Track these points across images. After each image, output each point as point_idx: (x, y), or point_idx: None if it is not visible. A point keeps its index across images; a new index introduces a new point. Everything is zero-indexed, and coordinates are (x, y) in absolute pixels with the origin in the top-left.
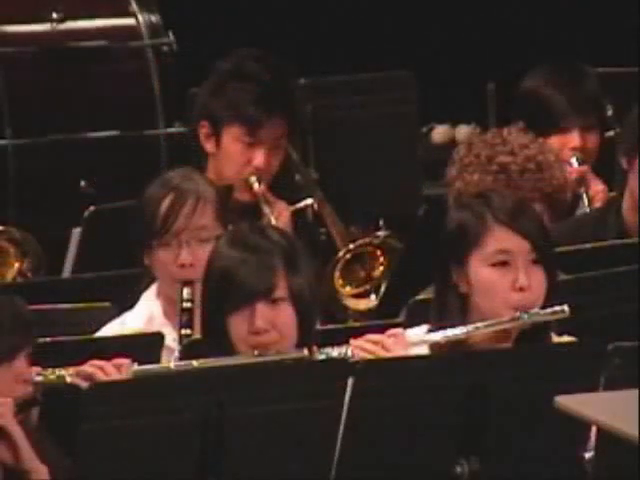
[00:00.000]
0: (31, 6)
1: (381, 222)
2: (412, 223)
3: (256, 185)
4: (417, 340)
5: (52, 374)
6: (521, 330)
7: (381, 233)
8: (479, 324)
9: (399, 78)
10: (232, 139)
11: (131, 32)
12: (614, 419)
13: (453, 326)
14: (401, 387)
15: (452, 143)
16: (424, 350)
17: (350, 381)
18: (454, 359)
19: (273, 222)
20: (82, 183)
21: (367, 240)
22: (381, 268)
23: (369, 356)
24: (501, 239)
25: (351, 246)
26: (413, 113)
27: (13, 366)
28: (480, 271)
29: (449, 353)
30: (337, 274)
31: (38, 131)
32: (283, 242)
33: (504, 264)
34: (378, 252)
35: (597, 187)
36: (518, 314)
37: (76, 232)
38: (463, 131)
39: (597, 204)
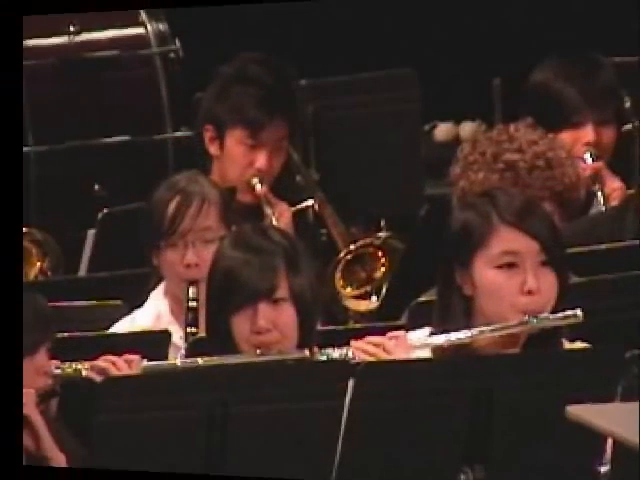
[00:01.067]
0: (50, 20)
1: (382, 222)
2: (414, 223)
3: (258, 186)
4: (419, 343)
5: (69, 367)
6: (531, 335)
7: (382, 234)
8: (484, 328)
9: (401, 76)
10: (235, 142)
11: (140, 41)
12: (630, 431)
13: (456, 329)
14: (403, 390)
15: (456, 141)
16: (426, 354)
17: (351, 383)
18: (457, 363)
19: (275, 223)
20: (96, 187)
21: (368, 241)
22: (382, 269)
23: (370, 358)
24: (507, 240)
25: (352, 247)
26: (416, 111)
27: (35, 359)
28: (485, 273)
29: (453, 356)
30: (338, 275)
31: (56, 138)
32: (285, 243)
33: (511, 266)
34: (379, 253)
35: (613, 184)
36: (526, 318)
37: (91, 233)
38: (467, 128)
39: (613, 202)
